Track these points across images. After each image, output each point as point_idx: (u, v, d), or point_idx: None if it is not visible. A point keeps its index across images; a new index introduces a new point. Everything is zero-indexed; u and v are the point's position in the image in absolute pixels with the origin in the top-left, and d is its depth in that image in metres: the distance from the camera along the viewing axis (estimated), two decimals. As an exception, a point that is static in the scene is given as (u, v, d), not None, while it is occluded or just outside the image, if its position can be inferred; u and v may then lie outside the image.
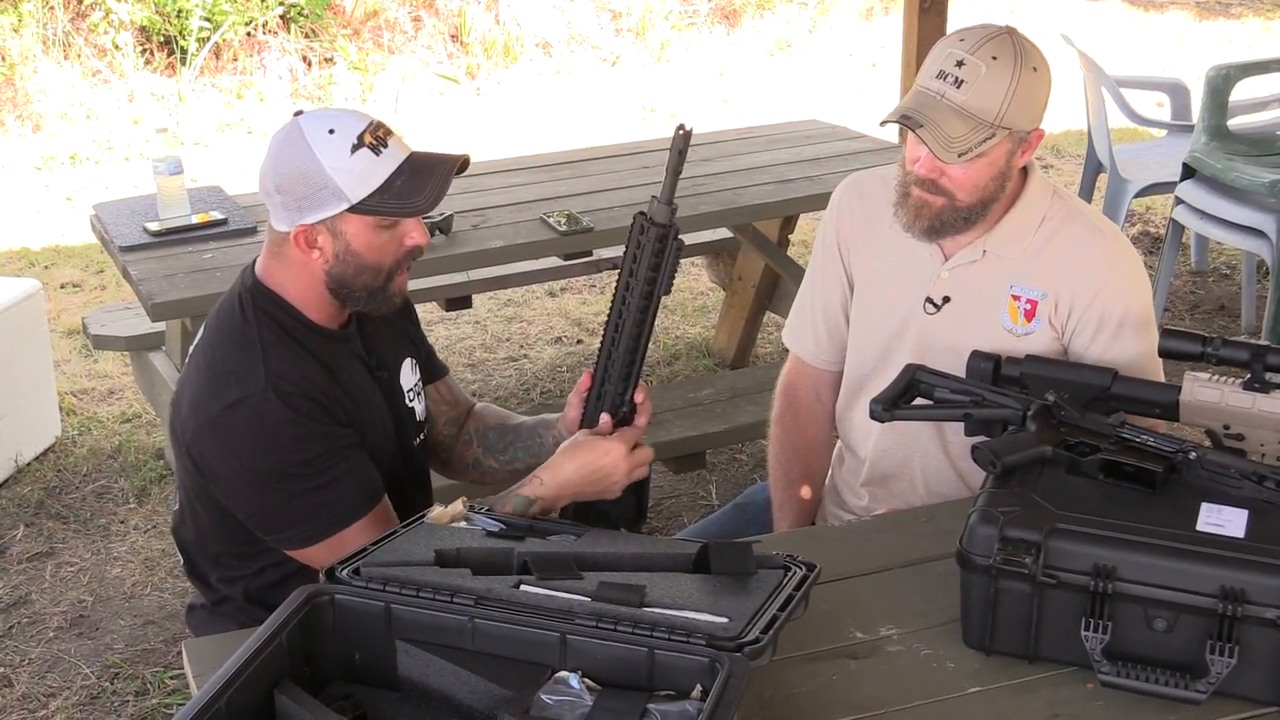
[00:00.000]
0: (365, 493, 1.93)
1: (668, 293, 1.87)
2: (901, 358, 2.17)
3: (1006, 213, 2.12)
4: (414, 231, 1.94)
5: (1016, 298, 2.12)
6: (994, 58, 1.97)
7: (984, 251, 2.13)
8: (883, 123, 2.05)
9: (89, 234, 3.93)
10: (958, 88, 1.97)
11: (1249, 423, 1.82)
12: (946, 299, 2.16)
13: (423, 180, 1.89)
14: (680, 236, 1.86)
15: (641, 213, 1.86)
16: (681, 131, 1.79)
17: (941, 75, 1.99)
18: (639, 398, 1.97)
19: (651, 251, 1.84)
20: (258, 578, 2.03)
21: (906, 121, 1.98)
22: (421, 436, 2.19)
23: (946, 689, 1.62)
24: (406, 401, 2.14)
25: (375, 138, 1.87)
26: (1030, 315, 2.11)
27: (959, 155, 1.96)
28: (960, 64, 1.98)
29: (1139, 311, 2.12)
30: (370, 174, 1.86)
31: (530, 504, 1.90)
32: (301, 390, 1.90)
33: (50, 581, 3.51)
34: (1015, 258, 2.12)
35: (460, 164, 1.93)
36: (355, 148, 1.85)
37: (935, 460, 2.24)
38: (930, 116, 1.97)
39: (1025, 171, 2.13)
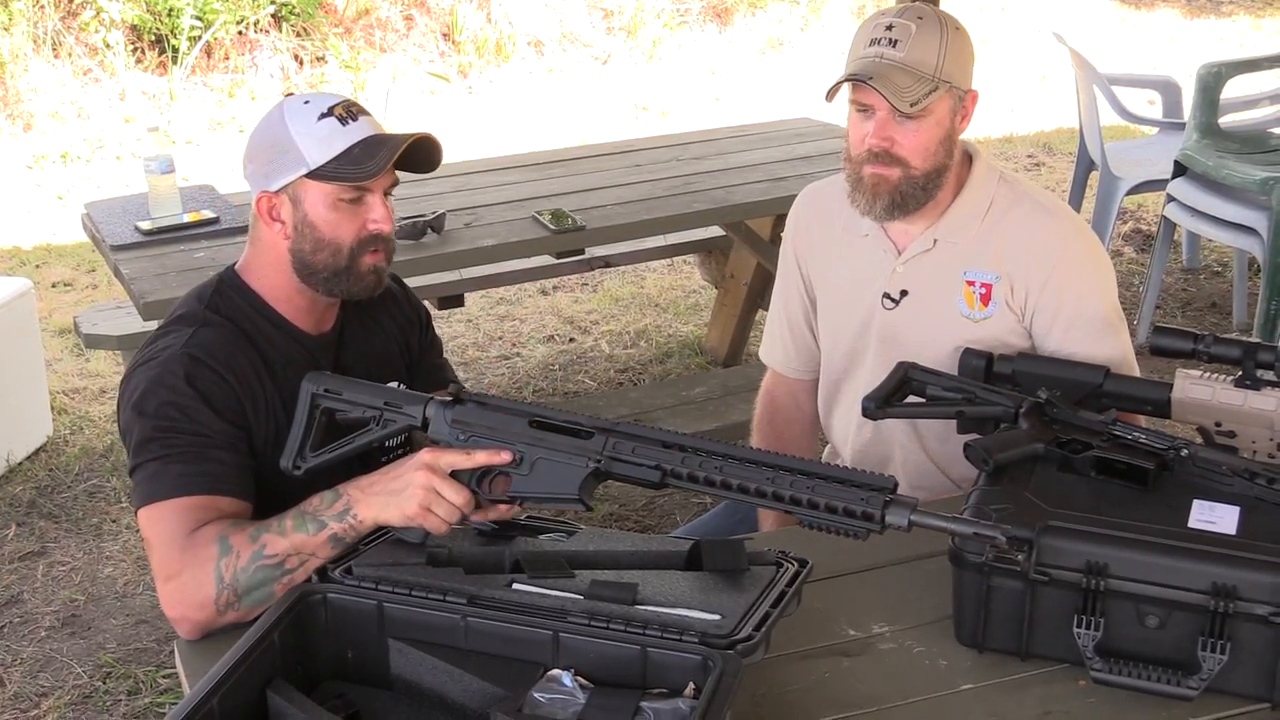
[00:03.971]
0: (195, 483, 1.77)
1: None
2: (869, 356, 2.21)
3: (954, 199, 2.14)
4: (376, 215, 1.89)
5: (971, 283, 2.13)
6: (919, 18, 2.03)
7: (935, 240, 2.15)
8: (830, 91, 2.06)
9: (80, 233, 3.91)
10: (894, 47, 2.01)
11: (1240, 420, 1.83)
12: (904, 293, 2.18)
13: (379, 151, 1.86)
14: None
15: None
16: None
17: (875, 42, 2.03)
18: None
19: None
20: None
21: (857, 77, 2.00)
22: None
23: (939, 686, 1.62)
24: None
25: (346, 110, 1.87)
26: (986, 299, 2.13)
27: (911, 105, 1.99)
28: (890, 28, 2.03)
29: (1099, 288, 2.13)
30: (332, 140, 1.84)
31: (338, 498, 1.72)
32: (213, 365, 1.82)
33: (42, 581, 3.51)
34: (966, 243, 2.14)
35: (418, 139, 1.88)
36: (323, 116, 1.85)
37: (914, 455, 2.25)
38: (877, 73, 2.00)
39: (970, 159, 2.16)
